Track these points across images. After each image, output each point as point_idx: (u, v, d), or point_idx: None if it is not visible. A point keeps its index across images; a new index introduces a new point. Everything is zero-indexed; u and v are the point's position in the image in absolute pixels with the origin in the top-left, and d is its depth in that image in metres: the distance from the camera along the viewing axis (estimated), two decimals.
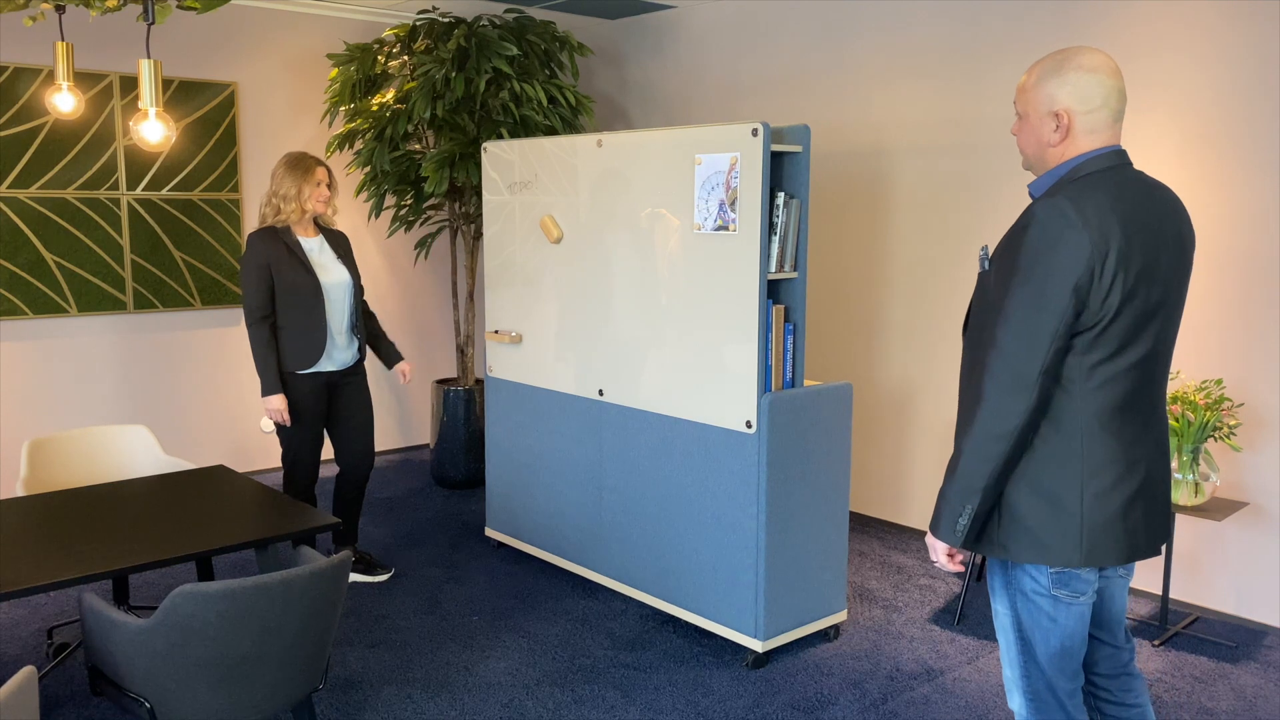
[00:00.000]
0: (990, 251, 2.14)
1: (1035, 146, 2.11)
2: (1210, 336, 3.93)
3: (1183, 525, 4.06)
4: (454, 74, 5.17)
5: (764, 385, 3.44)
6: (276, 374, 3.92)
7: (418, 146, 5.62)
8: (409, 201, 5.58)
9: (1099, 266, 1.93)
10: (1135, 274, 1.97)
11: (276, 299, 3.92)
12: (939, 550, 2.12)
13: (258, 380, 3.95)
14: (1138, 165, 4.05)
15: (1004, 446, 1.99)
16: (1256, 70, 3.73)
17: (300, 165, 3.95)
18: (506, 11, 5.71)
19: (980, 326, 2.08)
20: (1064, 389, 2.01)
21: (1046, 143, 2.08)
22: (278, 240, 3.93)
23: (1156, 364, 2.07)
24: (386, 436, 6.42)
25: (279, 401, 3.91)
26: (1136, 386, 2.04)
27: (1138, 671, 2.32)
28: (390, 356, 4.31)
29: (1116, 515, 2.03)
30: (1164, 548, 3.89)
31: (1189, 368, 3.98)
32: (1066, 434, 2.02)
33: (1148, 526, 2.09)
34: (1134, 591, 4.20)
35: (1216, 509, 3.70)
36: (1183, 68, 3.91)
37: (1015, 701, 2.20)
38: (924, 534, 4.93)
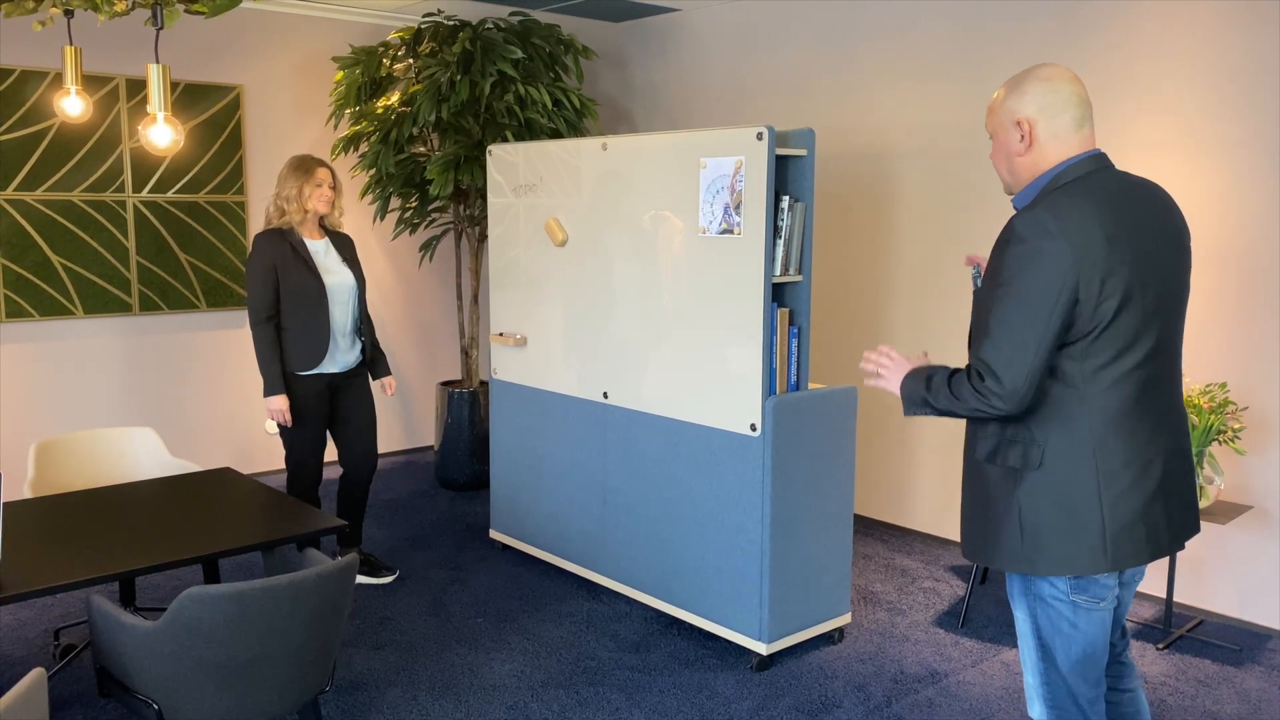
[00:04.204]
0: (983, 270, 2.18)
1: (1006, 161, 2.16)
2: (1213, 339, 3.93)
3: None
4: (459, 77, 5.18)
5: (768, 388, 3.45)
6: (279, 374, 3.93)
7: (422, 149, 5.64)
8: (414, 204, 5.59)
9: (1084, 274, 1.94)
10: (1126, 276, 1.98)
11: (281, 300, 3.94)
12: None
13: (262, 381, 3.96)
14: (1141, 167, 4.05)
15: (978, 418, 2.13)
16: (1257, 72, 3.73)
17: (302, 166, 3.98)
18: (511, 15, 5.73)
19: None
20: (1071, 396, 2.02)
21: (1014, 153, 2.13)
22: (283, 241, 3.95)
23: (1164, 360, 2.07)
24: (391, 438, 6.43)
25: (281, 402, 3.92)
26: (1145, 385, 2.04)
27: (1129, 660, 2.36)
28: (379, 367, 4.25)
29: (1137, 516, 2.04)
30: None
31: (1192, 371, 3.98)
32: (1079, 441, 2.02)
33: (1169, 524, 2.10)
34: (1138, 595, 4.20)
35: (1220, 512, 3.70)
36: (1184, 70, 3.91)
37: (1036, 709, 2.19)
38: (928, 537, 4.94)
